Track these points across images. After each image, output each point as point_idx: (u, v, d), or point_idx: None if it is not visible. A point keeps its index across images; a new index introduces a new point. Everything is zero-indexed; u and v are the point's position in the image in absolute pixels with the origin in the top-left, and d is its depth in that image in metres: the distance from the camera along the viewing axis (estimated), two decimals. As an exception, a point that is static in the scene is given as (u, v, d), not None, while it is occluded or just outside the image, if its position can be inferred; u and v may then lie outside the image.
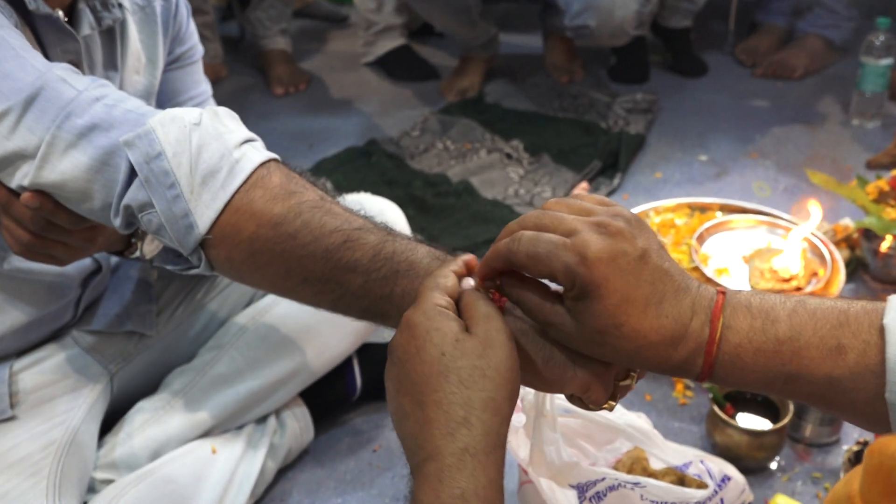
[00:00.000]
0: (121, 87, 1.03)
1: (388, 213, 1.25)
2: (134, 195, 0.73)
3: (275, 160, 0.75)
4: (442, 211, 1.81)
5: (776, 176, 1.91)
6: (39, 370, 1.06)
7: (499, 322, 0.58)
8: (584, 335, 0.57)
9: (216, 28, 2.56)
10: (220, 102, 1.21)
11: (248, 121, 2.28)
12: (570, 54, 2.40)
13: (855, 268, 1.53)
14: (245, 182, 0.71)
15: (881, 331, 0.53)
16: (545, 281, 0.60)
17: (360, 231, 0.70)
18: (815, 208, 1.45)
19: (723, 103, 2.27)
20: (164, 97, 1.13)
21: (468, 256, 0.65)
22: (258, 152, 0.74)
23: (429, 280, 0.62)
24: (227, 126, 0.75)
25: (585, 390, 0.62)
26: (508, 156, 2.02)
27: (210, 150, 0.72)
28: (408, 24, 2.60)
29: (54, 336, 1.10)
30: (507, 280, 0.62)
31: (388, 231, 0.71)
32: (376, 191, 1.86)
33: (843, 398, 0.55)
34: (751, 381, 0.57)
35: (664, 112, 2.23)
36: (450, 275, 0.62)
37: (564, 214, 0.59)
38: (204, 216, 0.71)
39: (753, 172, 1.94)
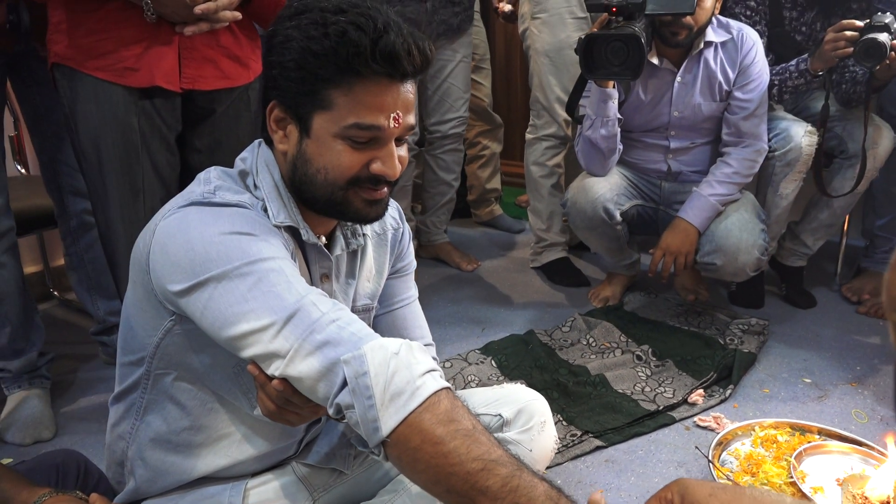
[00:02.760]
0: (355, 292, 1.13)
1: (535, 403, 1.24)
2: (343, 398, 0.80)
3: (447, 389, 0.80)
4: (580, 397, 1.80)
5: (874, 406, 1.76)
6: (265, 490, 1.10)
7: None
8: None
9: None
10: (421, 290, 1.29)
11: (439, 304, 2.39)
12: (697, 278, 2.38)
13: (945, 503, 1.37)
14: (420, 405, 0.77)
15: None
16: None
17: (496, 462, 0.73)
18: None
19: (828, 334, 2.14)
20: (383, 296, 1.21)
21: None
22: (435, 382, 0.79)
23: None
24: (416, 358, 0.81)
25: None
26: (638, 357, 1.99)
27: (401, 376, 0.78)
28: (569, 241, 2.68)
29: (279, 464, 1.14)
30: None
31: (517, 465, 0.74)
32: (530, 373, 1.91)
33: None
34: None
35: (775, 336, 2.13)
36: None
37: None
38: (387, 424, 0.77)
39: (853, 399, 1.79)
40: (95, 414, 1.78)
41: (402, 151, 0.99)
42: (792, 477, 1.33)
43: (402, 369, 0.79)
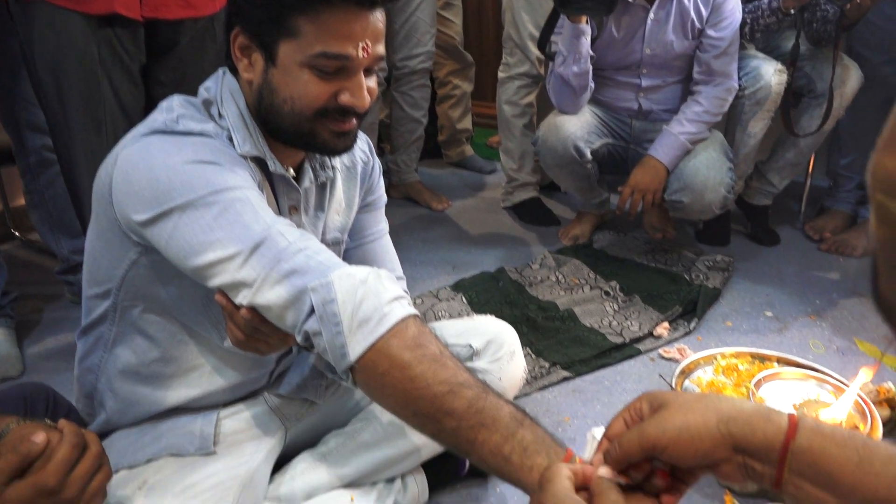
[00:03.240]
0: (324, 225, 1.12)
1: (505, 333, 1.28)
2: (311, 325, 0.80)
3: (414, 316, 0.79)
4: (548, 331, 1.83)
5: (830, 337, 1.83)
6: (237, 419, 1.12)
7: None
8: None
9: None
10: (392, 229, 1.30)
11: (410, 243, 2.38)
12: (664, 217, 2.41)
13: (893, 426, 1.43)
14: (388, 331, 0.77)
15: None
16: None
17: (462, 385, 0.73)
18: (863, 374, 1.39)
19: (790, 271, 2.20)
20: (354, 230, 1.21)
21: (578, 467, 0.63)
22: (403, 309, 0.79)
23: (558, 476, 0.60)
24: (384, 286, 0.81)
25: None
26: (606, 293, 2.03)
27: (368, 303, 0.78)
28: (540, 181, 2.69)
29: (251, 395, 1.15)
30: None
31: (483, 388, 0.74)
32: (500, 309, 1.93)
33: None
34: (830, 456, 0.53)
35: (739, 272, 2.18)
36: (569, 474, 0.61)
37: None
38: (354, 350, 0.77)
39: (811, 331, 1.86)
40: (63, 353, 1.77)
41: (372, 83, 0.97)
42: (751, 402, 1.38)
43: (370, 296, 0.79)
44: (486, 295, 2.00)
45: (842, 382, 1.44)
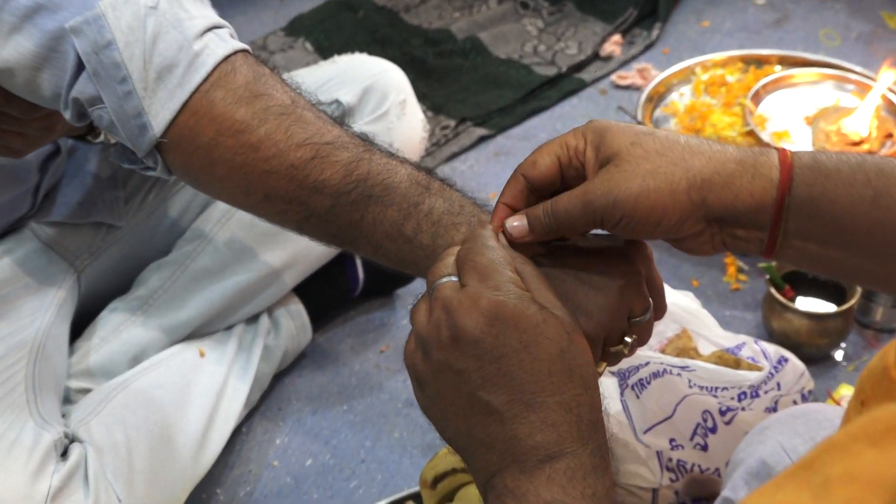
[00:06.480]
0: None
1: (388, 75, 1.30)
2: (82, 88, 0.76)
3: (242, 52, 0.76)
4: (447, 74, 1.85)
5: (847, 21, 1.94)
6: None
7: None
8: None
9: None
10: None
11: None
12: None
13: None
14: (206, 80, 0.73)
15: None
16: None
17: (332, 146, 0.72)
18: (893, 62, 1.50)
19: (784, -68, 2.27)
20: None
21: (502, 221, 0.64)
22: (223, 43, 0.75)
23: (490, 255, 0.60)
24: (188, 11, 0.77)
25: None
26: (524, 5, 2.03)
27: (167, 41, 0.74)
28: None
29: (11, 229, 1.14)
30: None
31: (364, 145, 0.74)
32: (366, 52, 1.91)
33: None
34: (837, 198, 0.58)
35: (712, -56, 2.23)
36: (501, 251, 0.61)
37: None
38: (159, 117, 0.74)
39: (820, 17, 1.96)
40: None
41: None
42: (749, 124, 1.48)
43: (169, 30, 0.75)
44: (341, 34, 1.97)
45: (868, 78, 1.56)
